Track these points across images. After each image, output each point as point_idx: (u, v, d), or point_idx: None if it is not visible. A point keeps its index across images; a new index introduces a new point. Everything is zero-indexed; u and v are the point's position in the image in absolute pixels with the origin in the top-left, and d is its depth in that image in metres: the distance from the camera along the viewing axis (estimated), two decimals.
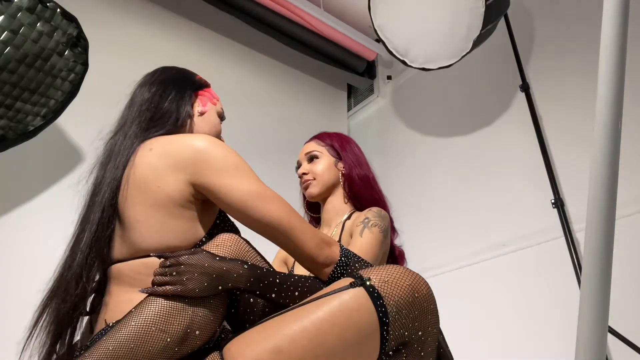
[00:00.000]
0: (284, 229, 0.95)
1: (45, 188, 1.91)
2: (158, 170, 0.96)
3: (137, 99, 1.14)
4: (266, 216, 0.94)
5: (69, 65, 1.67)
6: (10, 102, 1.58)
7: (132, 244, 0.95)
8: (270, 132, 2.74)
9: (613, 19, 0.78)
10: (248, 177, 0.96)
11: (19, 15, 1.50)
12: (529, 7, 2.42)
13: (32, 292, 1.71)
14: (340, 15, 2.92)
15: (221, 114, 1.24)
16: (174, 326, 0.81)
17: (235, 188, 0.94)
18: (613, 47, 0.78)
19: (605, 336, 0.75)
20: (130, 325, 0.80)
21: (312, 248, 0.96)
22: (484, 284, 2.22)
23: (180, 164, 0.96)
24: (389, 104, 3.13)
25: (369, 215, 1.39)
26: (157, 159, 0.97)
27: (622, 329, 1.66)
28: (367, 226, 1.36)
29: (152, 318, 0.81)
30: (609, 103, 0.77)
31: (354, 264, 0.98)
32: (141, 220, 0.95)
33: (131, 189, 0.98)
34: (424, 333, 0.83)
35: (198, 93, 1.20)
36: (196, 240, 0.97)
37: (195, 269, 0.85)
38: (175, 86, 1.15)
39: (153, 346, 0.79)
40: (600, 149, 0.77)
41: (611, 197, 0.75)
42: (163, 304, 0.83)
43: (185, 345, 0.82)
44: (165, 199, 0.94)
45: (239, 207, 0.94)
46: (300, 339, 0.78)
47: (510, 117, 2.37)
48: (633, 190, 1.80)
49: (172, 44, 2.49)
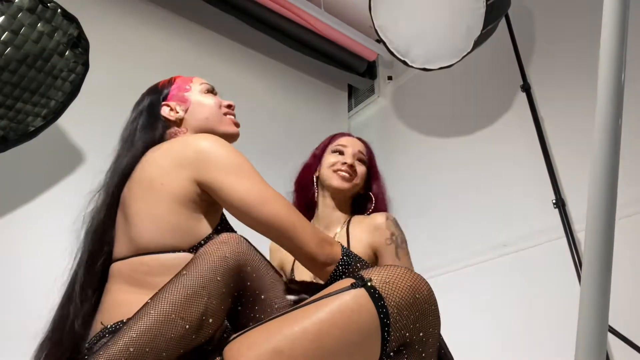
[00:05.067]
0: (285, 227, 0.94)
1: (46, 189, 1.91)
2: (163, 168, 0.98)
3: (124, 131, 1.19)
4: (266, 215, 0.94)
5: (69, 66, 1.67)
6: (11, 103, 1.58)
7: (131, 241, 0.96)
8: (271, 133, 2.73)
9: (613, 18, 0.78)
10: (250, 176, 0.97)
11: (20, 16, 1.50)
12: (530, 6, 2.42)
13: (31, 292, 1.72)
14: (340, 15, 2.92)
15: (207, 89, 1.21)
16: (192, 313, 0.82)
17: (237, 186, 0.95)
18: (613, 46, 0.77)
19: (605, 335, 0.75)
20: (150, 315, 0.80)
21: (313, 247, 0.95)
22: (485, 284, 2.22)
23: (185, 161, 0.97)
24: (389, 104, 3.12)
25: (392, 230, 1.43)
26: (162, 158, 1.00)
27: (622, 328, 1.65)
28: (399, 245, 1.42)
29: (171, 306, 0.81)
30: (609, 103, 0.77)
31: (355, 264, 0.98)
32: (141, 216, 0.96)
33: (136, 189, 1.00)
34: (425, 334, 0.83)
35: (166, 99, 1.18)
36: (194, 242, 0.96)
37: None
38: (143, 113, 1.17)
39: (175, 333, 0.80)
40: (600, 149, 0.77)
41: (611, 198, 0.75)
42: (180, 292, 0.83)
43: (200, 333, 0.83)
44: (167, 196, 0.95)
45: (239, 205, 0.95)
46: (301, 340, 0.78)
47: (511, 117, 2.37)
48: (634, 190, 1.79)
49: (172, 44, 2.49)
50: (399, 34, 2.23)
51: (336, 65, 3.08)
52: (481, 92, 2.55)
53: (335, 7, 2.91)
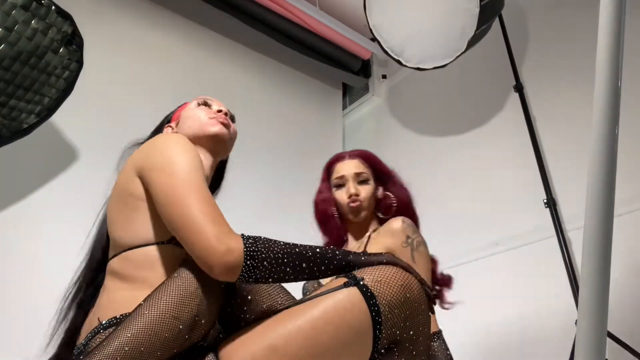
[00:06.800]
0: (185, 228, 0.86)
1: (39, 186, 1.91)
2: (126, 172, 1.00)
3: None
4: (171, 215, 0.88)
5: (63, 63, 1.66)
6: (4, 100, 1.57)
7: (113, 241, 0.99)
8: (265, 130, 2.74)
9: (610, 18, 0.79)
10: (176, 173, 0.90)
11: (14, 13, 1.50)
12: (524, 7, 2.44)
13: (24, 289, 1.72)
14: (335, 14, 2.93)
15: (198, 102, 1.22)
16: (185, 313, 0.82)
17: (156, 182, 0.91)
18: (610, 44, 0.78)
19: (604, 341, 0.76)
20: (144, 315, 0.81)
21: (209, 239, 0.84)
22: (477, 282, 2.24)
23: (138, 162, 0.98)
24: (383, 103, 3.13)
25: (408, 233, 1.44)
26: (128, 164, 1.02)
27: (619, 333, 1.66)
28: (415, 248, 1.42)
29: (165, 306, 0.82)
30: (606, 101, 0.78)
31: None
32: (115, 218, 1.00)
33: (112, 195, 1.04)
34: (415, 332, 0.84)
35: (170, 122, 1.25)
36: (170, 235, 0.95)
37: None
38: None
39: (169, 333, 0.80)
40: (598, 148, 0.77)
41: (609, 196, 0.76)
42: (174, 293, 0.84)
43: (193, 333, 0.83)
44: (129, 195, 0.97)
45: (157, 202, 0.91)
46: (295, 338, 0.79)
47: (504, 117, 2.38)
48: (633, 189, 1.81)
49: (167, 42, 2.49)
50: (393, 33, 2.24)
51: (331, 64, 3.08)
52: (474, 92, 2.57)
53: (330, 5, 2.92)
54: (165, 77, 2.39)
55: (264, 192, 2.54)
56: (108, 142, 2.08)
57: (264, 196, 2.53)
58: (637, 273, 1.76)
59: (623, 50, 0.79)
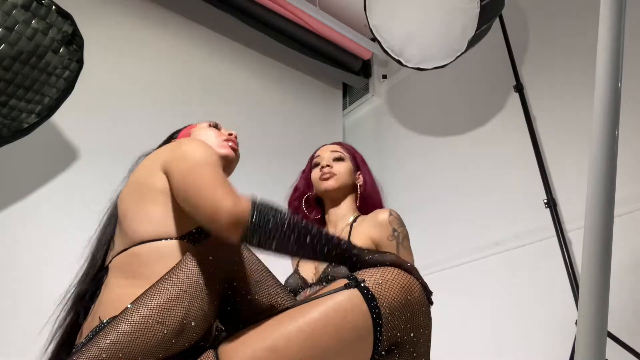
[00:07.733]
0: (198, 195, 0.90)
1: (40, 185, 1.91)
2: (147, 166, 1.04)
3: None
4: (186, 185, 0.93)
5: (63, 63, 1.66)
6: (5, 100, 1.57)
7: (125, 237, 0.99)
8: (265, 130, 2.74)
9: (610, 18, 0.79)
10: (196, 159, 0.96)
11: (14, 13, 1.50)
12: (524, 7, 2.44)
13: (24, 289, 1.72)
14: (336, 14, 2.92)
15: (209, 124, 1.28)
16: (171, 318, 0.82)
17: (177, 168, 0.97)
18: (610, 45, 0.78)
19: (604, 341, 0.75)
20: (127, 320, 0.80)
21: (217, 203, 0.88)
22: (477, 282, 2.24)
23: (162, 156, 1.03)
24: (384, 103, 3.13)
25: (394, 226, 1.45)
26: (148, 159, 1.07)
27: (619, 333, 1.66)
28: (400, 242, 1.43)
29: (150, 311, 0.81)
30: (606, 103, 0.78)
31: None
32: (131, 211, 1.00)
33: (126, 190, 1.06)
34: (415, 334, 0.84)
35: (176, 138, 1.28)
36: (186, 230, 0.98)
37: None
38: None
39: (151, 339, 0.79)
40: (599, 148, 0.77)
41: (609, 196, 0.76)
42: (160, 296, 0.83)
43: (182, 337, 0.83)
44: (149, 187, 1.00)
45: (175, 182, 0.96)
46: (296, 339, 0.79)
47: (504, 117, 2.38)
48: (633, 189, 1.81)
49: (167, 42, 2.48)
50: (393, 33, 2.24)
51: (331, 64, 3.08)
52: (474, 92, 2.57)
53: (330, 5, 2.91)
54: (165, 77, 2.39)
55: (263, 192, 2.53)
56: (108, 142, 2.10)
57: (264, 196, 2.52)
58: (637, 273, 1.76)
59: (623, 51, 0.79)
